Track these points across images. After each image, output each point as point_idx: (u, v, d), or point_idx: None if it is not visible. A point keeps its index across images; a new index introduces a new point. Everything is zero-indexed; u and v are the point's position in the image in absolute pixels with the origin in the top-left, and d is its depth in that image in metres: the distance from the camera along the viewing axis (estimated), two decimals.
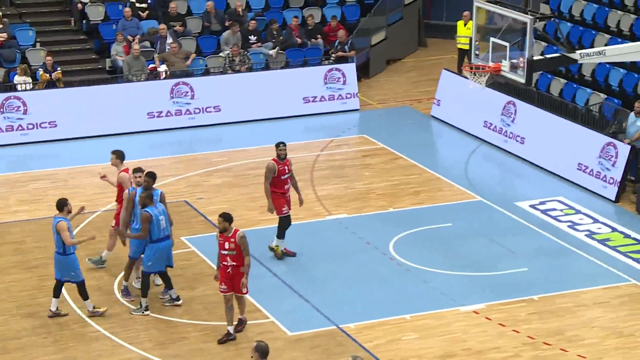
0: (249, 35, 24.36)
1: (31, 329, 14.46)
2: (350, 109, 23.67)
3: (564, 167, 20.02)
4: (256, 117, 22.99)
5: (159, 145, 21.85)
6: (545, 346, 14.07)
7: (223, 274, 13.85)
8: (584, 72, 22.29)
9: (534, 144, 20.83)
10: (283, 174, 16.09)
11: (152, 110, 22.49)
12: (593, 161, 19.43)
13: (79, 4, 24.67)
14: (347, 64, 23.88)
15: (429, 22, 29.22)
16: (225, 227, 13.72)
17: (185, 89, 22.64)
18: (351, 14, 26.06)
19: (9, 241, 17.31)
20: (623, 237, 17.49)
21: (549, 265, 16.54)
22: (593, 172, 19.42)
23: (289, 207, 16.26)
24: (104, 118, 22.10)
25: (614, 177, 18.98)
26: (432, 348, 14.01)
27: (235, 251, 13.70)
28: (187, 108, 22.68)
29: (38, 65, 22.83)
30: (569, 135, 20.11)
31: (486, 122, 21.95)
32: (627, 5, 23.23)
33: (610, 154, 19.14)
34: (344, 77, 23.60)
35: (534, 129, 20.95)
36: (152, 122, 22.45)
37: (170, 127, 22.51)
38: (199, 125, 22.69)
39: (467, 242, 17.19)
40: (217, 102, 22.87)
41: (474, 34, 18.58)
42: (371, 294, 15.48)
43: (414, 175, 20.15)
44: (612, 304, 15.23)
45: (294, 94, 23.36)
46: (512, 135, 21.35)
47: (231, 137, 22.20)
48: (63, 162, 20.86)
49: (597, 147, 19.42)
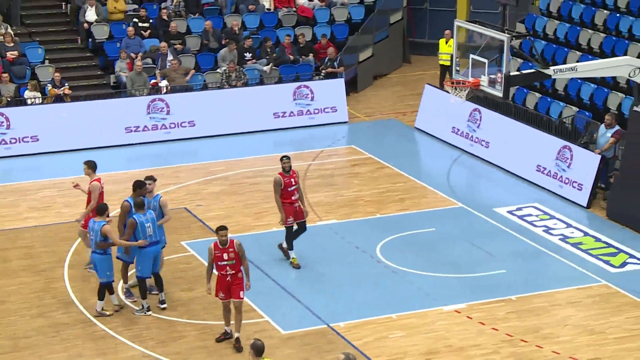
0: (244, 53, 24.32)
1: (39, 328, 14.36)
2: (337, 121, 23.56)
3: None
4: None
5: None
6: (522, 343, 14.03)
7: (222, 283, 13.59)
8: (557, 86, 22.31)
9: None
10: (289, 186, 15.87)
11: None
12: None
13: (85, 24, 24.61)
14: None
15: (413, 40, 29.22)
16: (227, 240, 13.53)
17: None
18: (340, 33, 26.05)
19: (19, 246, 17.21)
20: (594, 241, 17.48)
21: (526, 267, 16.51)
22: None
23: (296, 217, 15.98)
24: (107, 131, 22.01)
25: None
26: (417, 345, 13.96)
27: (234, 260, 13.54)
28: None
29: (47, 81, 22.74)
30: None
31: (454, 127, 22.06)
32: (597, 24, 23.28)
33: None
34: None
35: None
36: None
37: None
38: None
39: (449, 246, 17.15)
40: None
41: (454, 51, 18.58)
42: (359, 294, 15.42)
43: (400, 184, 20.12)
44: (584, 304, 15.20)
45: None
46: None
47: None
48: (70, 171, 20.76)
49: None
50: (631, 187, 17.94)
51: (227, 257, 13.48)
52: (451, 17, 26.22)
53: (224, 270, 13.54)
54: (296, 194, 15.96)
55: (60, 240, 17.20)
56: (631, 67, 17.28)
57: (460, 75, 17.80)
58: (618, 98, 20.83)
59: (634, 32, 22.35)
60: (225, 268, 13.52)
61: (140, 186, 14.83)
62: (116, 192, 18.47)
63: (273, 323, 14.51)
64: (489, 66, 17.15)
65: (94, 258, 14.51)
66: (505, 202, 19.10)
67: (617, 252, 16.98)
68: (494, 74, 17.08)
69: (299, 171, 16.62)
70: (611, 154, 19.03)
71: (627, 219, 18.01)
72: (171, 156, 21.72)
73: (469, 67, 17.49)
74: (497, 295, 15.33)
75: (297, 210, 15.99)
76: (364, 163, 21.30)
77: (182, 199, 19.21)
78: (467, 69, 17.54)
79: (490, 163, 21.13)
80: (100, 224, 14.27)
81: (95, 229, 14.32)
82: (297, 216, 16.04)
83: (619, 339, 14.14)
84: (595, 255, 16.88)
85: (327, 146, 22.31)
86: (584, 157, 19.17)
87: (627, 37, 22.39)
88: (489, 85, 17.17)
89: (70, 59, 24.31)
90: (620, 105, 20.65)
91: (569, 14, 24.04)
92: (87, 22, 24.60)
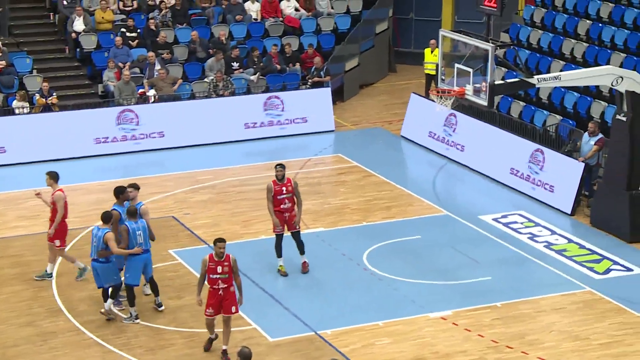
0: (231, 62, 24.37)
1: (28, 337, 14.35)
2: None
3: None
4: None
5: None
6: (507, 349, 14.11)
7: (213, 297, 13.49)
8: (541, 95, 22.45)
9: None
10: (279, 194, 15.86)
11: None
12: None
13: (73, 34, 24.61)
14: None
15: (399, 50, 29.34)
16: (224, 253, 13.45)
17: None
18: (326, 42, 26.14)
19: (8, 255, 17.19)
20: (578, 248, 17.59)
21: (511, 274, 16.60)
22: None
23: (284, 226, 15.96)
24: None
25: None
26: (403, 352, 14.01)
27: (227, 274, 13.45)
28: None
29: (35, 90, 22.73)
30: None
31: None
32: (580, 34, 23.45)
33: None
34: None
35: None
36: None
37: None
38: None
39: (435, 253, 17.22)
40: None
41: (440, 60, 18.69)
42: (346, 301, 15.47)
43: (386, 191, 20.19)
44: (569, 310, 15.30)
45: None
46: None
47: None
48: (60, 181, 20.72)
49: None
50: (614, 195, 18.07)
51: (221, 270, 13.39)
52: (436, 27, 26.37)
53: (215, 284, 13.44)
54: (287, 202, 15.92)
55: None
56: (614, 76, 17.42)
57: (446, 84, 17.92)
58: (601, 107, 20.99)
59: (616, 41, 22.54)
60: (218, 282, 13.41)
61: (121, 192, 14.88)
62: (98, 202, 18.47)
63: (261, 330, 14.54)
64: (473, 75, 17.25)
65: (95, 267, 14.48)
66: (490, 210, 19.20)
67: (601, 259, 17.09)
68: (478, 83, 17.18)
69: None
70: (594, 161, 19.17)
71: (610, 226, 18.14)
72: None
73: (454, 76, 17.60)
74: (482, 302, 15.40)
75: (287, 220, 16.01)
76: (351, 171, 21.37)
77: (170, 207, 19.23)
78: (452, 78, 17.64)
79: (464, 166, 21.28)
80: (104, 231, 14.29)
81: (99, 236, 14.32)
82: (288, 226, 16.03)
83: (603, 344, 14.24)
84: (579, 262, 16.99)
85: (314, 155, 22.37)
86: (565, 164, 19.30)
87: (610, 47, 22.57)
88: (473, 94, 17.28)
89: (58, 69, 24.28)
90: (603, 113, 20.80)
91: (553, 23, 24.22)
92: (75, 32, 24.60)
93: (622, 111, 17.79)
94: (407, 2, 29.66)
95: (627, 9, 23.02)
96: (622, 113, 17.76)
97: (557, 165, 19.48)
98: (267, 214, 17.79)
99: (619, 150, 17.97)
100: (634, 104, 17.55)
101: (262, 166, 21.55)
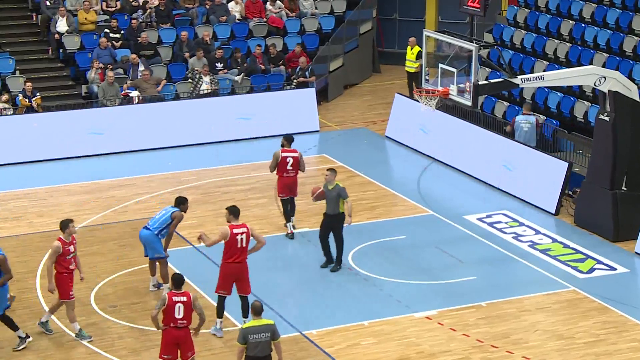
0: (215, 63, 24.28)
1: (11, 338, 14.21)
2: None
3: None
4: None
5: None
6: (492, 349, 14.10)
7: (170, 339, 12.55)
8: (525, 95, 22.49)
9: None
10: (285, 161, 17.49)
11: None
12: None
13: (56, 34, 24.46)
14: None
15: (383, 50, 29.33)
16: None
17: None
18: (311, 43, 26.09)
19: None
20: (562, 247, 17.61)
21: (496, 273, 16.59)
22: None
23: (291, 192, 17.71)
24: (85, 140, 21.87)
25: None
26: (388, 352, 13.98)
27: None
28: None
29: (18, 91, 22.57)
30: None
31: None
32: (563, 34, 23.51)
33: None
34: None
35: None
36: None
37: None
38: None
39: (420, 253, 17.20)
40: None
41: (424, 60, 18.67)
42: (332, 302, 15.42)
43: (371, 192, 20.16)
44: (553, 309, 15.30)
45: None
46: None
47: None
48: (41, 181, 20.60)
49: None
50: (598, 194, 18.10)
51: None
52: (420, 27, 26.39)
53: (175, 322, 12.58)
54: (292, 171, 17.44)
55: (33, 251, 17.05)
56: (597, 76, 17.46)
57: (430, 85, 17.90)
58: (584, 106, 21.04)
59: (599, 41, 22.60)
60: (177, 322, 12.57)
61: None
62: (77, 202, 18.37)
63: None
64: (457, 75, 17.25)
65: (148, 238, 15.23)
66: (475, 210, 19.19)
67: (585, 258, 17.12)
68: (462, 83, 17.18)
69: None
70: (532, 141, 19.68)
71: (594, 225, 18.17)
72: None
73: (438, 76, 17.59)
74: (467, 302, 15.39)
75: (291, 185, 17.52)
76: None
77: (155, 208, 19.09)
78: (437, 78, 17.63)
79: (449, 166, 21.30)
80: (174, 210, 15.36)
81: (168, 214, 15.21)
82: (292, 190, 17.59)
83: (587, 343, 14.24)
84: (563, 261, 17.00)
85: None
86: (549, 163, 19.32)
87: (593, 47, 22.63)
88: (458, 94, 17.27)
89: (41, 70, 24.13)
90: (587, 113, 20.85)
91: (536, 24, 24.27)
92: (58, 33, 24.45)
93: (605, 111, 17.82)
94: (391, 2, 29.67)
95: (610, 9, 23.10)
96: (605, 113, 17.79)
97: (541, 164, 19.50)
98: (251, 215, 17.75)
99: (603, 149, 18.00)
100: (616, 104, 17.59)
101: (247, 166, 21.47)
